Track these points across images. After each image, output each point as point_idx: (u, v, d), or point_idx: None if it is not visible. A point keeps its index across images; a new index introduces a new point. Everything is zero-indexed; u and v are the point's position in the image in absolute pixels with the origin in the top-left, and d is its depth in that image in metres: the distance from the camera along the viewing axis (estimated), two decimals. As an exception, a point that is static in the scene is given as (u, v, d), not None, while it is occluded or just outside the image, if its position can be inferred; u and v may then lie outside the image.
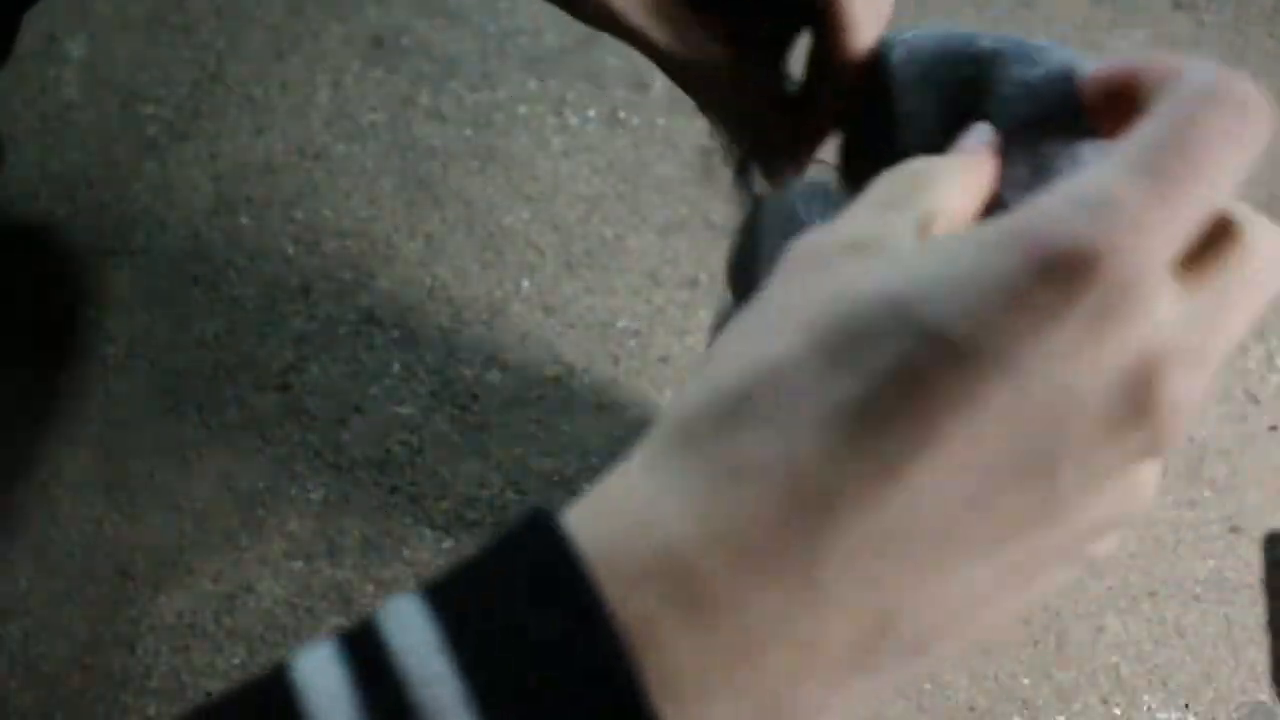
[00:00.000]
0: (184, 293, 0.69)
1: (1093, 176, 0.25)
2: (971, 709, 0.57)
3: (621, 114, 0.72)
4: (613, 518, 0.26)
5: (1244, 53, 0.74)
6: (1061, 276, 0.24)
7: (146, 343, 0.67)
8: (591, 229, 0.69)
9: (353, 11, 0.77)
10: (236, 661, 0.58)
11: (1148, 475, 0.28)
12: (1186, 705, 0.57)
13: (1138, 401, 0.26)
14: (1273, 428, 0.64)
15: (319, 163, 0.72)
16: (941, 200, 0.29)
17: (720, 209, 0.70)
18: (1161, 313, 0.25)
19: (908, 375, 0.25)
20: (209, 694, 0.58)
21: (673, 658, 0.24)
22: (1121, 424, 0.26)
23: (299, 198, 0.71)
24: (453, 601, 0.25)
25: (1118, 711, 0.57)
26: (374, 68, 0.75)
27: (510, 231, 0.69)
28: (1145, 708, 0.57)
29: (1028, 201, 0.26)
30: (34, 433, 0.65)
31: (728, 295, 0.45)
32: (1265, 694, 0.57)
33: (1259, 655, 0.58)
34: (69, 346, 0.67)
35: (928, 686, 0.58)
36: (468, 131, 0.72)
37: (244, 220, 0.70)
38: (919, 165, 0.30)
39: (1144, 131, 0.26)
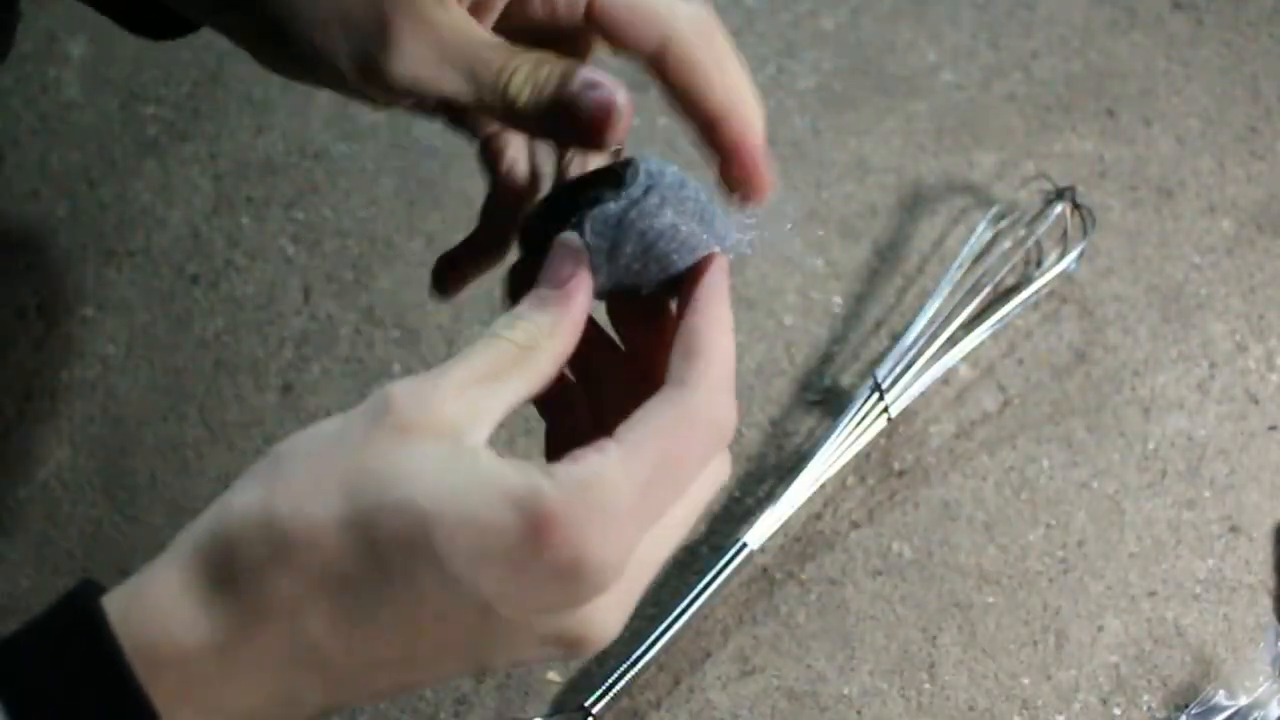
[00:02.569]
0: (184, 293, 0.69)
1: (598, 468, 0.33)
2: (971, 709, 0.57)
3: (621, 114, 0.72)
4: (147, 609, 0.32)
5: (1244, 53, 0.74)
6: (544, 547, 0.31)
7: (146, 343, 0.67)
8: (591, 229, 0.69)
9: (353, 11, 0.76)
10: (236, 661, 0.58)
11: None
12: (1186, 705, 0.57)
13: (572, 641, 0.34)
14: (1272, 428, 0.64)
15: (319, 163, 0.72)
16: (530, 388, 0.36)
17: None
18: (610, 582, 0.33)
19: (408, 580, 0.32)
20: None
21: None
22: (558, 652, 0.34)
23: (299, 198, 0.71)
24: (11, 678, 0.31)
25: (1118, 711, 0.57)
26: (374, 68, 0.75)
27: (510, 231, 0.69)
28: (1145, 708, 0.57)
29: (544, 471, 0.33)
30: (34, 433, 0.65)
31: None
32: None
33: (1258, 655, 0.58)
34: (69, 346, 0.67)
35: (928, 686, 0.58)
36: (468, 131, 0.72)
37: (244, 220, 0.70)
38: (515, 339, 0.36)
39: (649, 435, 0.34)
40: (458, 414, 0.34)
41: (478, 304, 0.67)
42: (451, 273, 0.47)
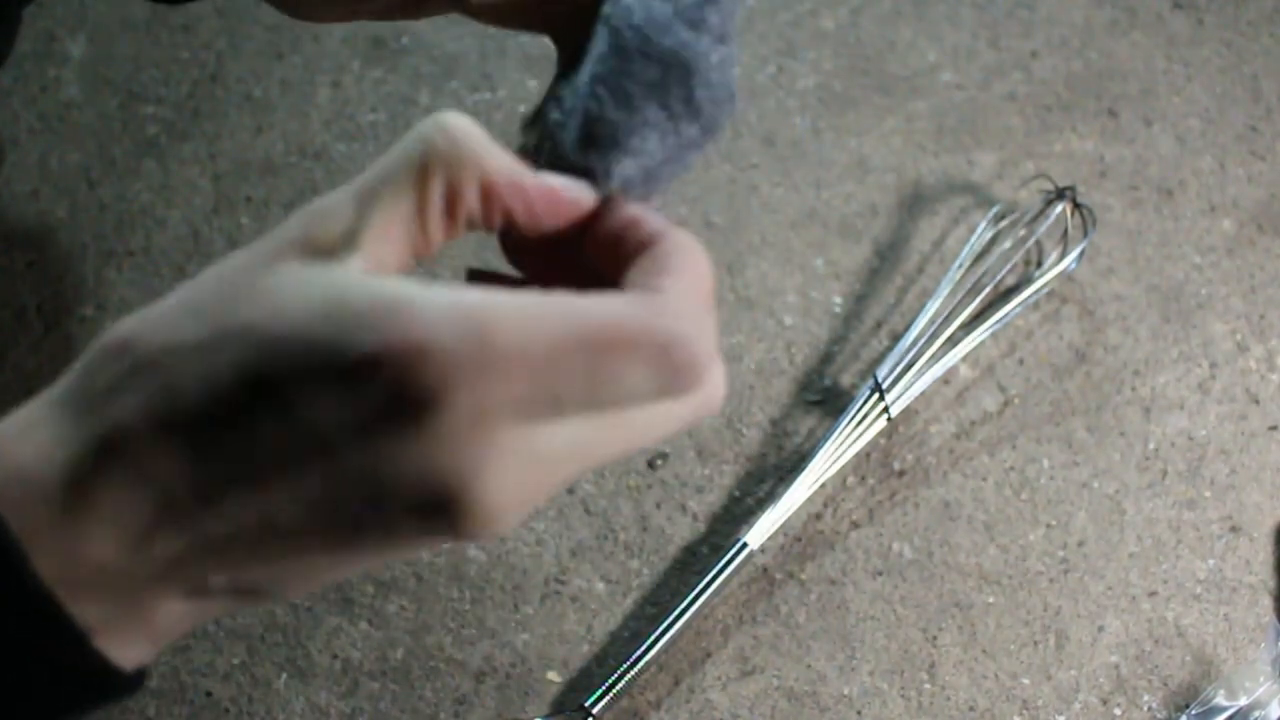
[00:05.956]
0: (184, 293, 0.69)
1: (499, 300, 0.28)
2: (971, 709, 0.57)
3: (621, 114, 0.72)
4: (9, 438, 0.30)
5: (1244, 52, 0.74)
6: (392, 372, 0.27)
7: (146, 343, 0.67)
8: (591, 229, 0.69)
9: (353, 11, 0.77)
10: (237, 661, 0.58)
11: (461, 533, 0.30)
12: (1187, 705, 0.57)
13: (437, 498, 0.28)
14: (1273, 428, 0.64)
15: (319, 163, 0.72)
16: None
17: (720, 209, 0.70)
18: (481, 437, 0.28)
19: (248, 413, 0.28)
20: (209, 694, 0.58)
21: (54, 564, 0.29)
22: (432, 517, 0.29)
23: (299, 198, 0.71)
24: None
25: (1118, 711, 0.57)
26: (374, 68, 0.75)
27: (510, 231, 0.69)
28: (1145, 708, 0.57)
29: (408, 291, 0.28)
30: (34, 433, 0.65)
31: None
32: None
33: (1259, 655, 0.58)
34: (69, 346, 0.67)
35: (928, 686, 0.58)
36: (468, 131, 0.72)
37: (244, 220, 0.70)
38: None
39: (583, 308, 0.28)
40: (348, 227, 0.30)
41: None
42: None
